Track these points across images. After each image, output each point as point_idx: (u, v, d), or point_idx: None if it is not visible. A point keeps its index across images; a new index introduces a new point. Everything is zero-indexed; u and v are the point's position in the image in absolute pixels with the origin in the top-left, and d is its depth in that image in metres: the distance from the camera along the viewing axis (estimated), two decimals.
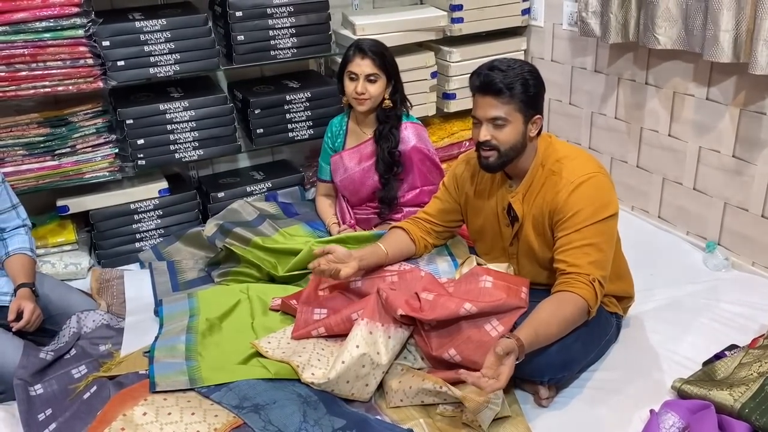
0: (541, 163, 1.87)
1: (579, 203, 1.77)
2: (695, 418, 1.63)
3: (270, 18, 2.69)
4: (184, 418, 1.59)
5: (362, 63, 2.37)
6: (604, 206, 1.79)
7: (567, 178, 1.80)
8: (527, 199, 1.88)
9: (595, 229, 1.76)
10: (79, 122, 2.55)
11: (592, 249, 1.75)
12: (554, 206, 1.81)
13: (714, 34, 2.20)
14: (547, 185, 1.84)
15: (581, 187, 1.78)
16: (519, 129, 1.80)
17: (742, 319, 2.12)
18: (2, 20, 2.27)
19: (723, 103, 2.41)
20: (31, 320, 1.96)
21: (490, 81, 1.77)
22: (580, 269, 1.74)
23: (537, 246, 1.89)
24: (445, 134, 3.15)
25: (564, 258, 1.77)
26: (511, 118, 1.78)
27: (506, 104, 1.77)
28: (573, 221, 1.77)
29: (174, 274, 2.50)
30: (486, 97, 1.78)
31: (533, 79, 1.79)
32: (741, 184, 2.41)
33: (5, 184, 2.12)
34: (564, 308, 1.71)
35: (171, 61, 2.57)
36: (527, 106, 1.79)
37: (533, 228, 1.88)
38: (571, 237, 1.77)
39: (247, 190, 2.87)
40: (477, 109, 1.82)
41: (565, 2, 2.99)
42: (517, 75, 1.76)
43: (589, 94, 3.00)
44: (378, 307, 1.83)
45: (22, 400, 1.78)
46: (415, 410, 1.76)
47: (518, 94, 1.76)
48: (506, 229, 1.96)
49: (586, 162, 1.87)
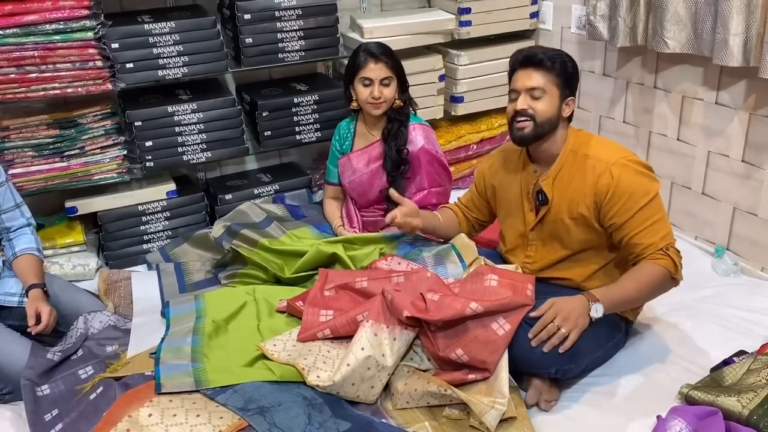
0: (572, 149, 1.92)
1: (631, 184, 1.83)
2: (703, 425, 1.61)
3: (278, 21, 2.70)
4: (189, 420, 1.59)
5: (376, 68, 2.38)
6: (652, 180, 1.87)
7: (606, 160, 1.86)
8: (558, 183, 1.93)
9: (655, 204, 1.84)
10: (88, 124, 2.56)
11: (659, 224, 1.84)
12: (601, 189, 1.84)
13: (724, 37, 2.19)
14: (583, 169, 1.88)
15: (626, 168, 1.84)
16: (555, 103, 1.88)
17: (751, 325, 2.10)
18: (13, 22, 2.29)
19: (732, 107, 2.40)
20: (50, 323, 1.97)
21: (533, 54, 1.89)
22: (657, 246, 1.81)
23: (572, 228, 1.92)
24: (453, 137, 3.14)
25: (639, 241, 1.82)
26: (549, 90, 1.87)
27: (545, 75, 1.87)
28: (633, 203, 1.82)
29: (181, 275, 2.51)
30: (527, 69, 1.89)
31: (571, 62, 1.92)
32: (750, 188, 2.40)
33: (8, 183, 2.13)
34: (641, 271, 1.81)
35: (179, 63, 2.58)
36: (564, 83, 1.89)
37: (567, 212, 1.92)
38: (637, 219, 1.82)
39: (255, 192, 2.88)
40: (516, 82, 1.92)
41: (574, 6, 2.98)
42: (558, 54, 1.90)
43: (598, 97, 2.99)
44: (383, 309, 1.83)
45: (29, 400, 1.78)
46: (421, 413, 1.76)
47: (558, 68, 1.87)
48: (530, 214, 2.01)
49: (618, 146, 1.95)
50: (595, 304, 1.77)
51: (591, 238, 1.93)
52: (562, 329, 1.73)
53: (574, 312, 1.75)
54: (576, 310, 1.76)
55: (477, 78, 3.09)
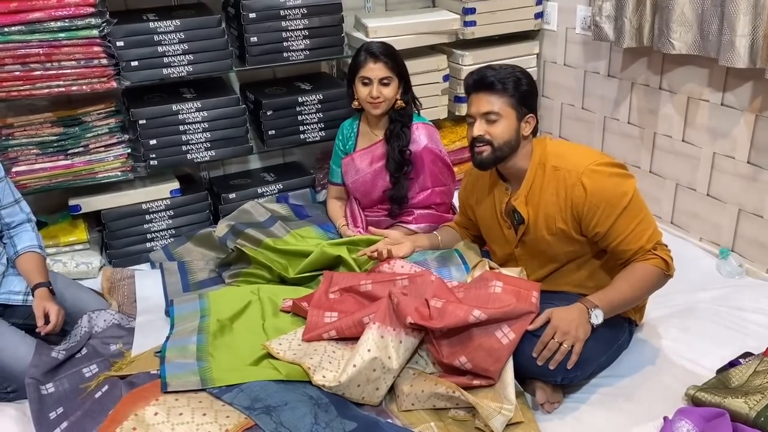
0: (539, 162, 1.88)
1: (605, 190, 1.79)
2: (710, 426, 1.61)
3: (283, 20, 2.69)
4: (195, 419, 1.58)
5: (375, 67, 2.37)
6: (626, 179, 1.83)
7: (576, 170, 1.81)
8: (531, 200, 1.89)
9: (634, 206, 1.81)
10: (92, 122, 2.56)
11: (643, 224, 1.81)
12: (576, 202, 1.81)
13: (730, 39, 2.19)
14: (554, 182, 1.85)
15: (596, 174, 1.80)
16: (512, 125, 1.84)
17: (757, 326, 2.10)
18: (18, 20, 2.28)
19: (738, 108, 2.40)
20: (59, 322, 1.97)
21: (482, 77, 1.85)
22: (645, 248, 1.80)
23: (554, 243, 1.89)
24: (457, 137, 3.14)
25: (626, 247, 1.81)
26: (504, 113, 1.83)
27: (498, 99, 1.83)
28: (611, 209, 1.79)
29: (185, 274, 2.50)
30: (479, 93, 1.85)
31: (525, 78, 1.86)
32: (756, 190, 2.39)
33: (7, 179, 2.12)
34: (634, 273, 1.80)
35: (184, 61, 2.58)
36: (519, 102, 1.84)
37: (546, 228, 1.88)
38: (620, 225, 1.79)
39: (258, 191, 2.87)
40: (471, 106, 1.88)
41: (579, 6, 2.98)
42: (509, 74, 1.85)
43: (602, 98, 2.98)
44: (390, 312, 1.82)
45: (34, 398, 1.78)
46: (427, 414, 1.75)
47: (511, 90, 1.83)
48: (509, 231, 1.98)
49: (586, 151, 1.92)
50: (595, 311, 1.74)
51: (575, 249, 1.91)
52: (564, 344, 1.71)
53: (573, 323, 1.72)
54: (574, 321, 1.72)
55: None
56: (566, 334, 1.71)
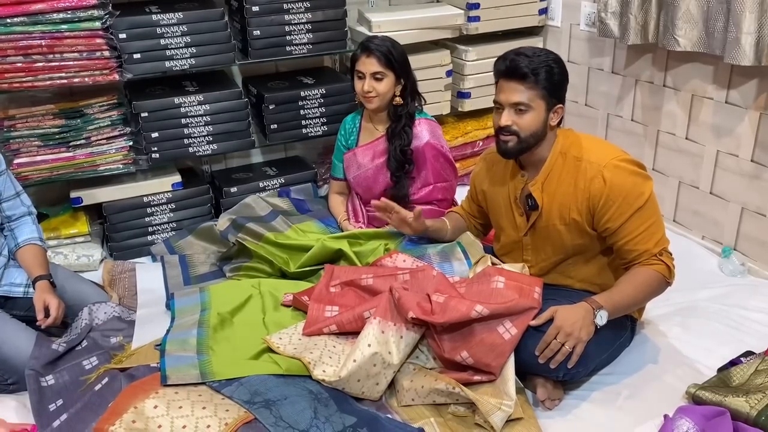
0: (561, 151, 1.87)
1: (624, 186, 1.78)
2: (710, 425, 1.61)
3: (286, 13, 2.68)
4: (195, 412, 1.58)
5: (367, 61, 2.36)
6: (645, 180, 1.82)
7: (598, 162, 1.80)
8: (547, 187, 1.88)
9: (648, 208, 1.79)
10: (94, 114, 2.55)
11: (654, 228, 1.80)
12: (594, 194, 1.80)
13: (736, 36, 2.18)
14: (573, 172, 1.83)
15: (618, 170, 1.79)
16: (541, 116, 1.81)
17: (758, 325, 2.09)
18: (20, 11, 2.28)
19: (742, 106, 2.39)
20: (59, 316, 1.97)
21: (515, 66, 1.79)
22: (651, 252, 1.79)
23: (565, 233, 1.89)
24: (459, 133, 3.13)
25: (633, 247, 1.80)
26: (534, 105, 1.80)
27: (530, 90, 1.79)
28: (627, 206, 1.78)
29: (186, 267, 2.50)
30: (510, 82, 1.80)
31: (558, 67, 1.82)
32: (759, 189, 2.38)
33: (8, 171, 2.12)
34: (638, 276, 1.79)
35: (187, 54, 2.57)
36: (550, 93, 1.81)
37: (559, 217, 1.88)
38: (632, 224, 1.79)
39: (260, 185, 2.87)
40: (500, 93, 1.84)
41: (583, 2, 2.97)
42: (543, 62, 1.79)
43: (606, 95, 2.97)
44: (390, 306, 1.82)
45: (34, 390, 1.78)
46: (426, 409, 1.75)
47: (543, 81, 1.78)
48: (521, 219, 1.97)
49: (610, 146, 1.90)
50: (600, 311, 1.73)
51: (584, 243, 1.90)
52: (566, 345, 1.69)
53: (577, 324, 1.70)
54: (578, 322, 1.70)
55: (484, 74, 3.07)
56: (569, 335, 1.69)
